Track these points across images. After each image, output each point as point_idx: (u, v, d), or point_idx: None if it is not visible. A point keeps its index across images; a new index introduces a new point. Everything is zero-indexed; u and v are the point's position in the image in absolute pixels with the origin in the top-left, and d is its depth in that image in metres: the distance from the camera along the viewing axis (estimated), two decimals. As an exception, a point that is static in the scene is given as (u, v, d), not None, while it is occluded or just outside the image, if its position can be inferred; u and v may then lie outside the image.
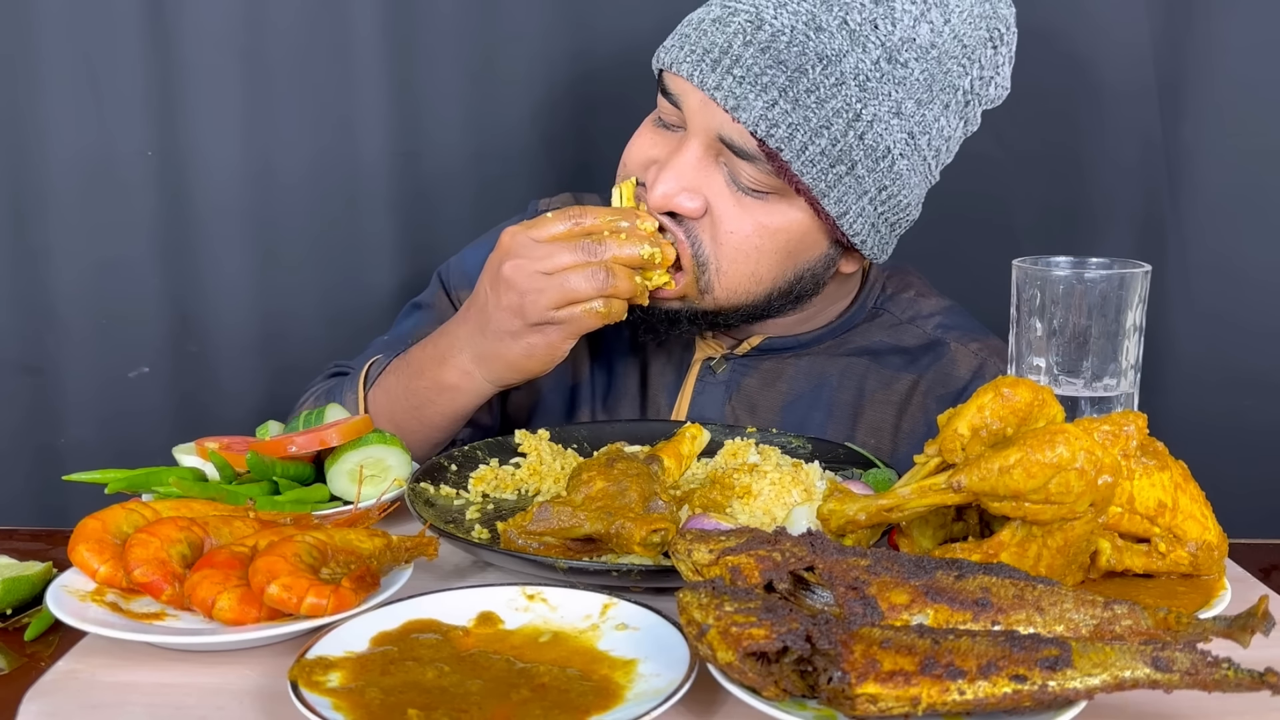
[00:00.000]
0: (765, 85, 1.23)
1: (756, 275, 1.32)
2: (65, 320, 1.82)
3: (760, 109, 1.23)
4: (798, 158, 1.25)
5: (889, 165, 1.28)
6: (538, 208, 1.57)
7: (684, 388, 1.47)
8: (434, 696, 0.83)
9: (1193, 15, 1.72)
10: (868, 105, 1.25)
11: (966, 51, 1.29)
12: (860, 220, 1.31)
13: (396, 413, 1.37)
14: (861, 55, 1.24)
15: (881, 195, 1.30)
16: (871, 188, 1.29)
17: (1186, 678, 0.77)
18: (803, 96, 1.23)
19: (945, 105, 1.30)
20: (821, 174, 1.26)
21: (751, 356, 1.46)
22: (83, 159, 1.77)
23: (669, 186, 1.29)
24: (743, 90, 1.23)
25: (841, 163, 1.26)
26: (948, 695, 0.76)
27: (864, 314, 1.49)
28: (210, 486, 1.16)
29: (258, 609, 0.92)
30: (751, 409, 1.45)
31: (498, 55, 1.80)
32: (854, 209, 1.29)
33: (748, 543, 0.90)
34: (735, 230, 1.29)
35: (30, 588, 1.08)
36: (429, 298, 1.56)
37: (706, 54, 1.26)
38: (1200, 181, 1.76)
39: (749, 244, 1.30)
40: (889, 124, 1.26)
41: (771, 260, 1.32)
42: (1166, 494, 0.97)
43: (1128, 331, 1.09)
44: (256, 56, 1.76)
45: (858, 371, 1.46)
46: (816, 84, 1.23)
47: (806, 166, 1.25)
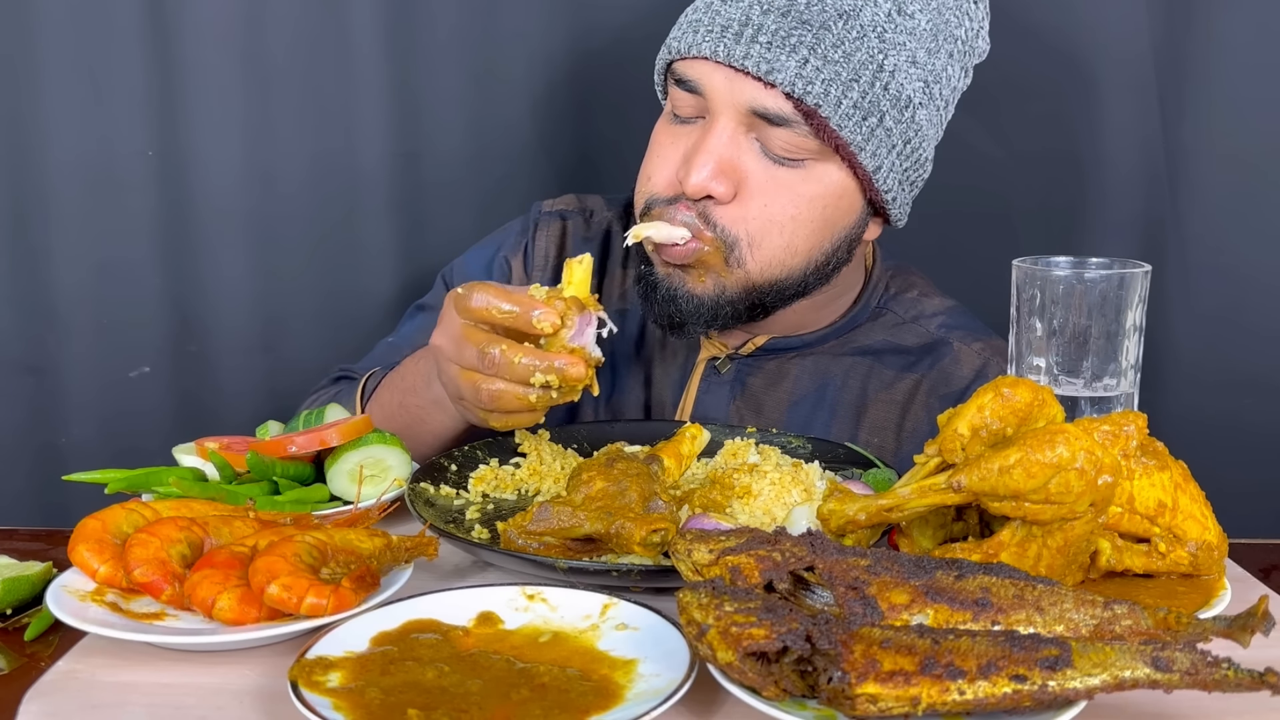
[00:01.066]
0: (795, 45, 1.24)
1: (792, 247, 1.32)
2: (66, 320, 1.82)
3: (794, 69, 1.24)
4: (835, 112, 1.26)
5: (911, 115, 1.30)
6: (541, 209, 1.58)
7: (689, 387, 1.47)
8: (434, 696, 0.83)
9: (1192, 14, 1.72)
10: (889, 55, 1.27)
11: (958, 3, 1.34)
12: (891, 176, 1.33)
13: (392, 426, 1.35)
14: (875, 8, 1.27)
15: (906, 149, 1.32)
16: (899, 140, 1.31)
17: (1186, 678, 0.77)
18: (830, 52, 1.25)
19: (950, 54, 1.33)
20: (857, 127, 1.27)
21: (756, 356, 1.46)
22: (83, 160, 1.77)
23: (706, 171, 1.28)
24: (773, 54, 1.24)
25: (873, 114, 1.27)
26: (948, 695, 0.76)
27: (867, 314, 1.49)
28: (210, 486, 1.16)
29: (258, 609, 0.92)
30: (757, 409, 1.45)
31: (498, 57, 1.80)
32: (886, 163, 1.31)
33: (748, 543, 0.90)
34: (769, 204, 1.30)
35: (30, 588, 1.08)
36: (433, 299, 1.56)
37: (726, 30, 1.26)
38: (1200, 181, 1.76)
39: (784, 215, 1.30)
40: (908, 73, 1.29)
41: (808, 230, 1.32)
42: (1166, 494, 0.97)
43: (1128, 331, 1.09)
44: (257, 58, 1.76)
45: (861, 371, 1.46)
46: (841, 39, 1.25)
47: (844, 121, 1.26)
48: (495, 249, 1.56)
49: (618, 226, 1.56)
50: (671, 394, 1.48)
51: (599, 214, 1.57)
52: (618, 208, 1.58)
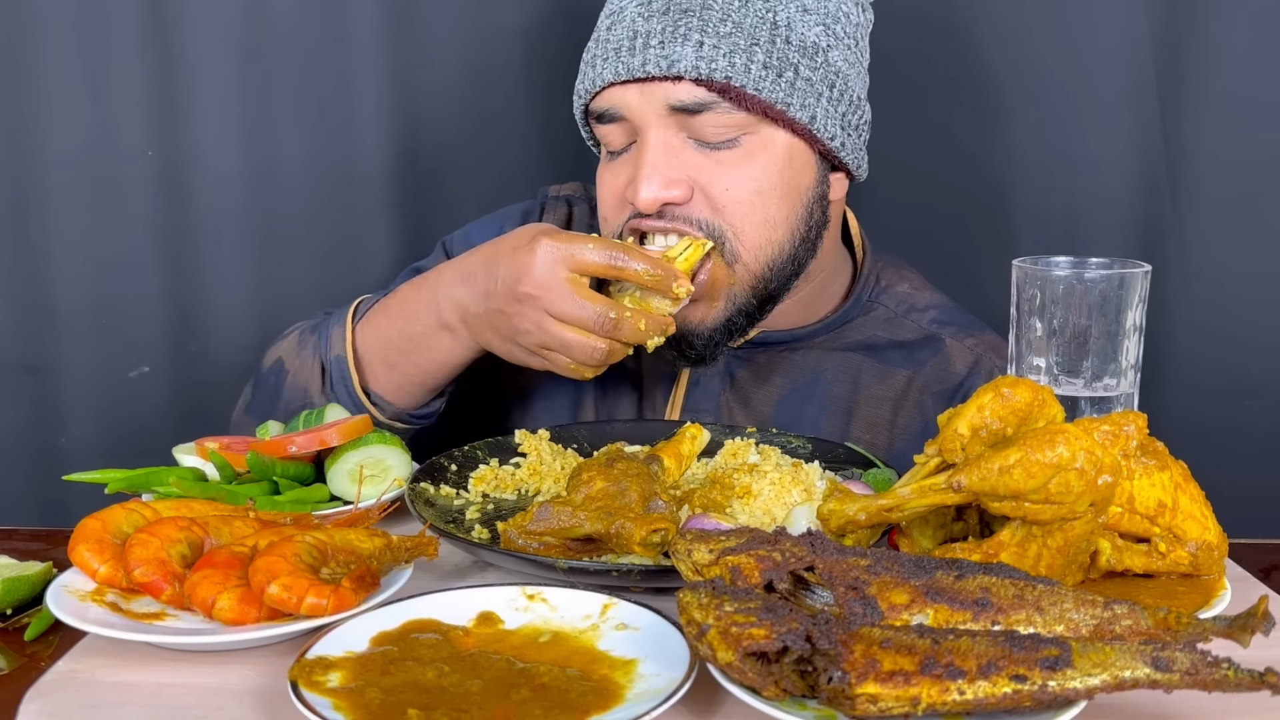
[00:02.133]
0: (685, 34, 1.27)
1: (770, 220, 1.33)
2: (65, 319, 1.82)
3: (692, 55, 1.27)
4: (747, 79, 1.27)
5: (824, 60, 1.32)
6: (548, 194, 1.58)
7: (679, 381, 1.47)
8: (434, 696, 0.83)
9: (1192, 16, 1.72)
10: (778, 11, 1.30)
11: None
12: (829, 121, 1.33)
13: (390, 354, 1.37)
14: None
15: (833, 93, 1.33)
16: (822, 87, 1.32)
17: (1186, 678, 0.77)
18: (720, 26, 1.28)
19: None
20: (774, 85, 1.29)
21: (746, 349, 1.46)
22: (83, 158, 1.77)
23: (652, 185, 1.29)
24: (668, 50, 1.27)
25: (787, 69, 1.29)
26: (948, 695, 0.76)
27: (859, 308, 1.49)
28: (210, 486, 1.16)
29: (258, 609, 0.92)
30: (745, 402, 1.45)
31: (497, 55, 1.80)
32: (819, 112, 1.32)
33: (748, 543, 0.90)
34: (731, 186, 1.31)
35: (30, 588, 1.08)
36: (431, 264, 1.56)
37: (619, 50, 1.31)
38: (1200, 182, 1.76)
39: (749, 191, 1.31)
40: (804, 20, 1.31)
41: (776, 198, 1.32)
42: (1166, 494, 0.97)
43: (1128, 331, 1.09)
44: (256, 56, 1.76)
45: (852, 366, 1.46)
46: (726, 12, 1.28)
47: (760, 82, 1.28)
48: (500, 225, 1.56)
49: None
50: (662, 387, 1.49)
51: None
52: None
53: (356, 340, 1.39)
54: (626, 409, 1.50)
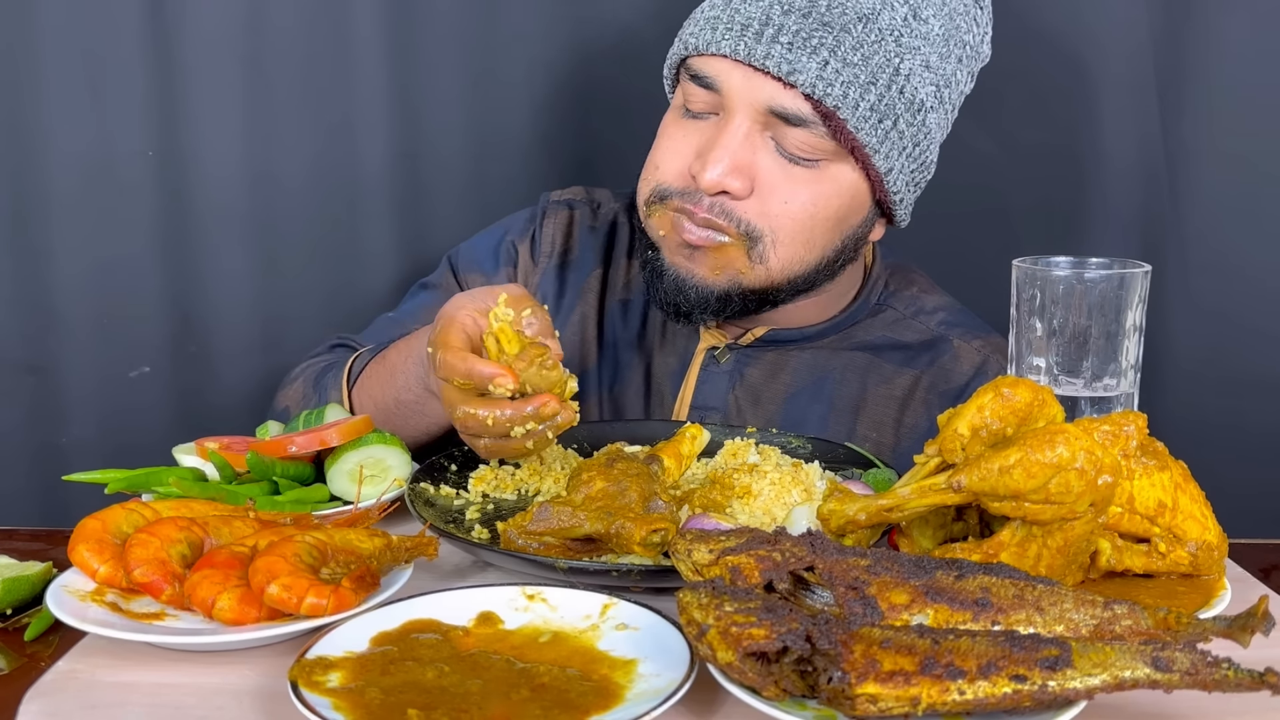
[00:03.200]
0: (815, 47, 1.26)
1: (811, 243, 1.34)
2: (66, 320, 1.81)
3: (815, 70, 1.25)
4: (853, 114, 1.27)
5: (922, 119, 1.32)
6: (549, 198, 1.58)
7: (688, 376, 1.48)
8: (434, 696, 0.83)
9: (1192, 13, 1.72)
10: (904, 59, 1.29)
11: (967, 8, 1.35)
12: (901, 177, 1.34)
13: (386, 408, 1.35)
14: (892, 13, 1.29)
15: (916, 150, 1.34)
16: (909, 143, 1.32)
17: (1186, 678, 0.77)
18: (850, 54, 1.26)
19: (959, 59, 1.35)
20: (872, 129, 1.29)
21: (755, 347, 1.47)
22: (83, 159, 1.77)
23: (721, 168, 1.29)
24: (794, 55, 1.25)
25: (888, 117, 1.29)
26: (948, 695, 0.76)
27: (867, 309, 1.49)
28: (210, 486, 1.16)
29: (258, 609, 0.92)
30: (755, 400, 1.45)
31: (498, 57, 1.80)
32: (897, 165, 1.33)
33: (748, 543, 0.90)
34: (790, 201, 1.31)
35: (30, 588, 1.08)
36: (437, 279, 1.57)
37: (746, 28, 1.27)
38: (1200, 181, 1.76)
39: (804, 213, 1.32)
40: (922, 77, 1.30)
41: (824, 228, 1.34)
42: (1166, 494, 0.97)
43: (1128, 331, 1.09)
44: (257, 57, 1.76)
45: (860, 366, 1.46)
46: (860, 41, 1.27)
47: (861, 123, 1.28)
48: (503, 234, 1.57)
49: (624, 218, 1.58)
50: (671, 383, 1.49)
51: (606, 205, 1.58)
52: (625, 200, 1.59)
53: (354, 407, 1.39)
54: (634, 405, 1.50)
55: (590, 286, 1.53)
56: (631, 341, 1.52)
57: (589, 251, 1.55)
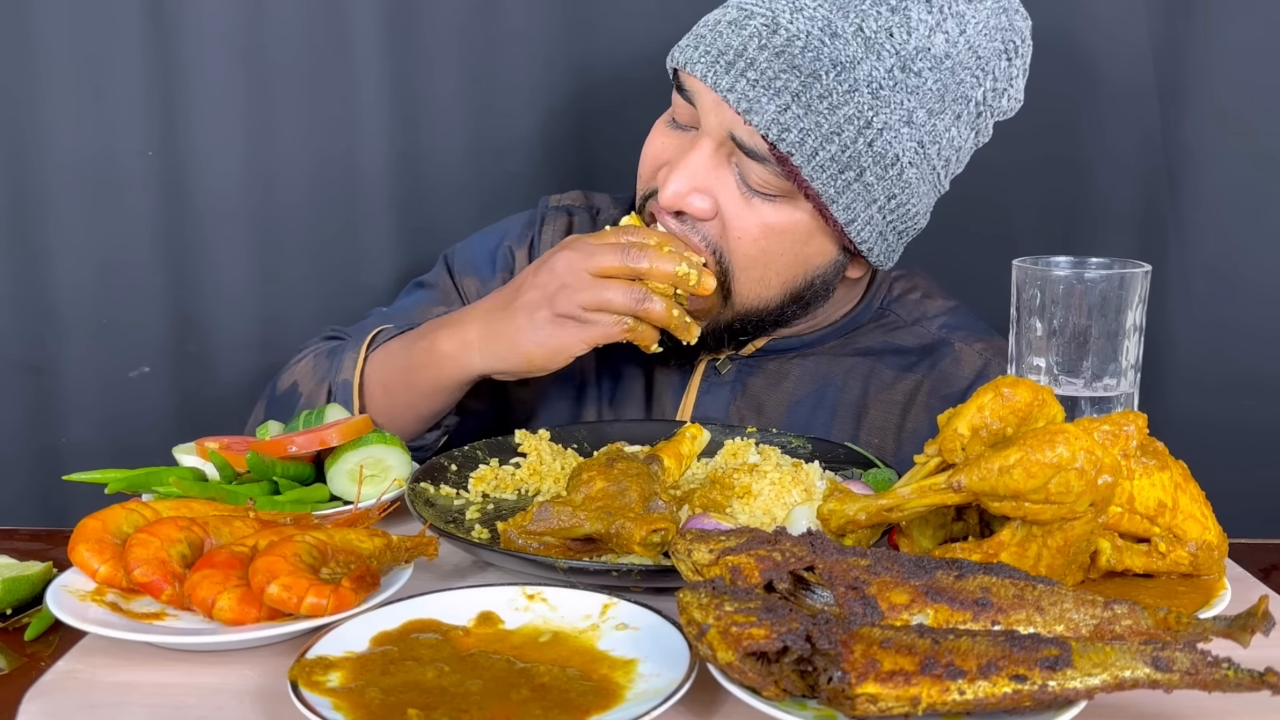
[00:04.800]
0: (779, 89, 1.23)
1: (765, 280, 1.33)
2: (66, 320, 1.81)
3: (773, 113, 1.24)
4: (808, 163, 1.25)
5: (898, 174, 1.29)
6: (548, 204, 1.58)
7: (689, 388, 1.47)
8: (434, 696, 0.83)
9: (1193, 14, 1.72)
10: (879, 113, 1.25)
11: (980, 63, 1.29)
12: (868, 228, 1.31)
13: (388, 375, 1.36)
14: (875, 63, 1.24)
15: (890, 204, 1.31)
16: (880, 195, 1.29)
17: (1186, 678, 0.76)
18: (815, 102, 1.24)
19: (957, 116, 1.31)
20: (830, 180, 1.26)
21: (756, 357, 1.46)
22: (83, 159, 1.77)
23: (680, 185, 1.29)
24: (756, 93, 1.24)
25: (850, 169, 1.26)
26: (948, 695, 0.76)
27: (869, 314, 1.49)
28: (210, 486, 1.16)
29: (258, 609, 0.92)
30: (757, 409, 1.45)
31: (499, 56, 1.79)
32: (862, 216, 1.30)
33: (748, 543, 0.90)
34: (744, 233, 1.30)
35: (30, 587, 1.08)
36: (433, 278, 1.57)
37: (721, 55, 1.26)
38: (1201, 181, 1.76)
39: (756, 246, 1.31)
40: (899, 132, 1.27)
41: (780, 263, 1.32)
42: (1166, 494, 0.97)
43: (1128, 331, 1.09)
44: (257, 57, 1.76)
45: (862, 372, 1.46)
46: (829, 90, 1.23)
47: (816, 172, 1.26)
48: (500, 237, 1.56)
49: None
50: (672, 395, 1.48)
51: (605, 211, 1.58)
52: (624, 205, 1.58)
53: (367, 366, 1.39)
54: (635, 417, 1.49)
55: None
56: (631, 354, 1.51)
57: None
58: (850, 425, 1.44)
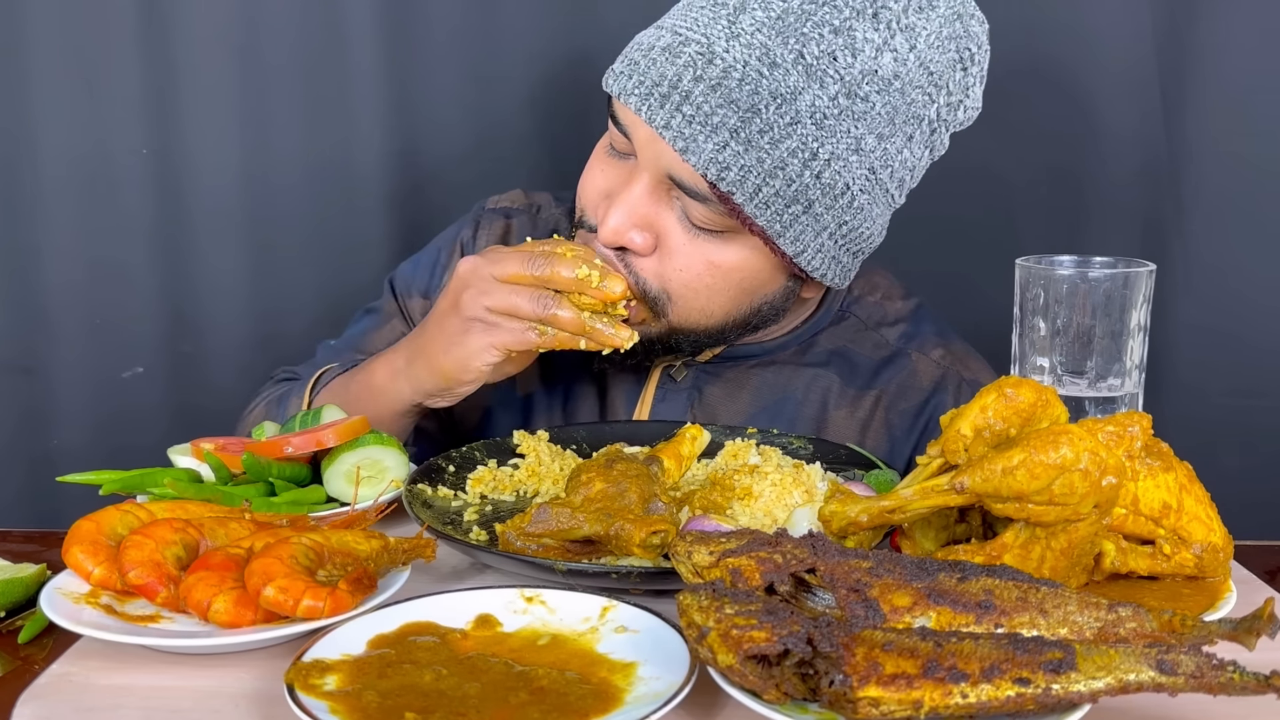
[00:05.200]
0: (716, 126, 1.17)
1: (708, 310, 1.30)
2: (58, 320, 1.81)
3: (710, 151, 1.18)
4: (750, 200, 1.20)
5: (848, 202, 1.24)
6: (485, 206, 1.55)
7: (644, 395, 1.44)
8: (432, 699, 0.83)
9: (1195, 12, 1.72)
10: (824, 144, 1.19)
11: (933, 79, 1.23)
12: (819, 256, 1.27)
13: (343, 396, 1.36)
14: (819, 91, 1.18)
15: (841, 230, 1.26)
16: (830, 224, 1.25)
17: (1191, 681, 0.76)
18: (755, 138, 1.18)
19: (909, 137, 1.25)
20: (776, 215, 1.22)
21: (714, 364, 1.43)
22: (77, 158, 1.77)
23: (619, 222, 1.25)
24: (692, 131, 1.18)
25: (798, 203, 1.21)
26: (950, 698, 0.75)
27: (830, 317, 1.46)
28: (205, 488, 1.15)
29: (253, 611, 0.92)
30: (713, 418, 1.41)
31: (494, 55, 1.79)
32: (812, 246, 1.26)
33: (748, 544, 0.90)
34: (685, 268, 1.26)
35: (24, 590, 1.08)
36: (379, 303, 1.55)
37: (655, 87, 1.20)
38: (1204, 181, 1.76)
39: (700, 282, 1.27)
40: (847, 161, 1.21)
41: (725, 297, 1.29)
42: (1171, 495, 0.96)
43: (1132, 331, 1.08)
44: (252, 55, 1.76)
45: (821, 386, 1.43)
46: (770, 124, 1.17)
47: (760, 209, 1.21)
48: (437, 251, 1.54)
49: (566, 224, 1.53)
50: (626, 402, 1.45)
51: (546, 210, 1.55)
52: (566, 205, 1.55)
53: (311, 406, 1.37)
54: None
55: None
56: (582, 360, 1.47)
57: None
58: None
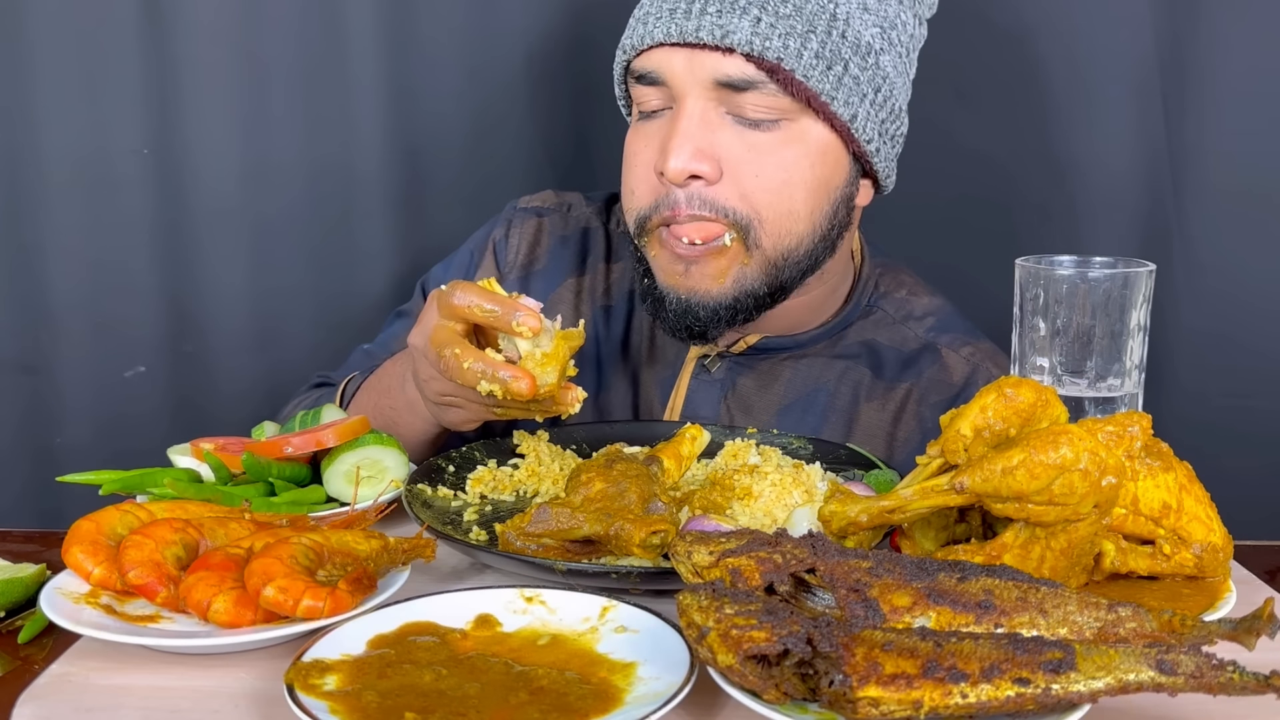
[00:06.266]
0: (745, 7, 1.25)
1: (794, 213, 1.31)
2: (60, 320, 1.81)
3: (748, 29, 1.24)
4: (798, 63, 1.25)
5: (875, 61, 1.30)
6: (517, 206, 1.57)
7: (678, 386, 1.46)
8: (431, 699, 0.82)
9: (1196, 14, 1.72)
10: (839, 4, 1.27)
11: None
12: (869, 124, 1.32)
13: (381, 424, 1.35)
14: None
15: (878, 96, 1.31)
16: (868, 88, 1.30)
17: (1191, 681, 0.76)
18: (780, 6, 1.25)
19: (900, 1, 1.33)
20: (823, 76, 1.27)
21: (747, 356, 1.45)
22: (78, 158, 1.77)
23: (683, 155, 1.26)
24: (725, 20, 1.24)
25: (837, 63, 1.27)
26: (950, 698, 0.75)
27: (859, 312, 1.48)
28: (205, 488, 1.15)
29: (253, 611, 0.92)
30: (746, 410, 1.44)
31: (495, 52, 1.79)
32: (861, 111, 1.30)
33: (748, 544, 0.90)
34: (760, 173, 1.28)
35: (24, 590, 1.08)
36: (411, 306, 1.56)
37: (675, 10, 1.27)
38: (1204, 180, 1.76)
39: (778, 181, 1.29)
40: (863, 19, 1.28)
41: (805, 192, 1.30)
42: (1171, 495, 0.96)
43: (1132, 331, 1.08)
44: (252, 54, 1.76)
45: (853, 378, 1.45)
46: None
47: (810, 70, 1.26)
48: (470, 254, 1.56)
49: (596, 222, 1.55)
50: (660, 393, 1.47)
51: (577, 209, 1.56)
52: (597, 203, 1.57)
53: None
54: (621, 415, 1.49)
55: (562, 297, 1.51)
56: (616, 349, 1.49)
57: (558, 261, 1.53)
58: (841, 432, 1.43)
